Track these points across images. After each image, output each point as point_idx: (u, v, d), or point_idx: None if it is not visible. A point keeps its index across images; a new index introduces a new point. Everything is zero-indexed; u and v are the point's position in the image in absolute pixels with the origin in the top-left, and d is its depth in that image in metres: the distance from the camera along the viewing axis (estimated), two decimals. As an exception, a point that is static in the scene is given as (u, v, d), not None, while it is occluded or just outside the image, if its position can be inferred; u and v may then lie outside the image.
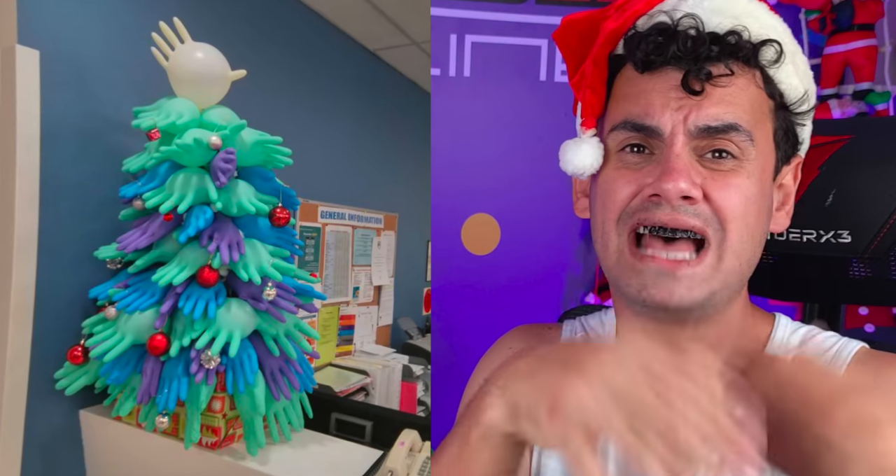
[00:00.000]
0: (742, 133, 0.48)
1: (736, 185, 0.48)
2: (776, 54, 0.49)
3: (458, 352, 1.28)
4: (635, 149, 0.51)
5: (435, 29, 1.24)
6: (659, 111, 0.48)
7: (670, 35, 0.48)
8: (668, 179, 0.47)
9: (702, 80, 0.47)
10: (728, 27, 0.48)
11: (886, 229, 0.64)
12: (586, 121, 0.55)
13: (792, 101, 0.52)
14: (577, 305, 0.87)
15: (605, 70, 0.54)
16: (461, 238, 1.29)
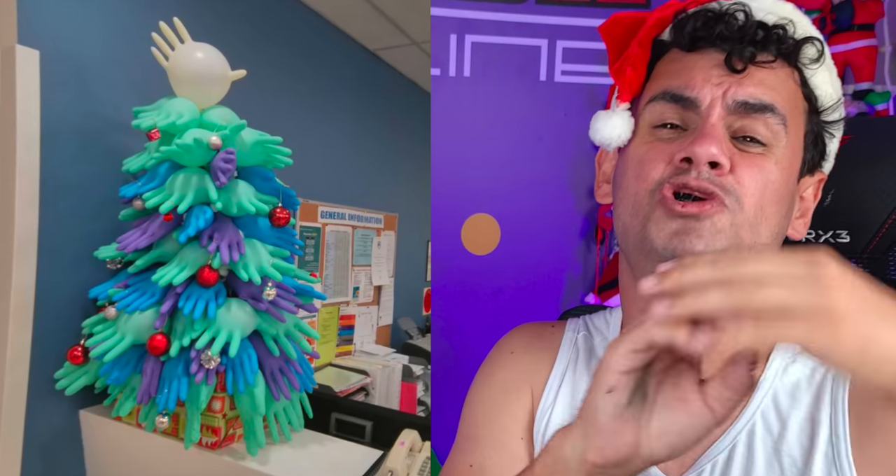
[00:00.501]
0: (777, 115, 0.48)
1: (761, 167, 0.49)
2: (817, 53, 0.51)
3: (458, 352, 1.28)
4: (669, 126, 0.52)
5: (435, 29, 1.24)
6: (700, 84, 0.50)
7: (718, 16, 0.50)
8: (700, 143, 0.47)
9: (745, 59, 0.49)
10: (774, 20, 0.50)
11: (885, 229, 0.64)
12: (622, 94, 0.56)
13: (825, 106, 0.53)
14: (577, 305, 0.87)
15: (648, 51, 0.55)
16: (461, 238, 1.29)
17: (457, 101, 1.27)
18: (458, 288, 1.29)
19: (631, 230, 0.54)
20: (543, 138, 1.28)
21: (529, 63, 1.27)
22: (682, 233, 0.49)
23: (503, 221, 1.30)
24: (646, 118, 0.54)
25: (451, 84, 1.27)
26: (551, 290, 1.32)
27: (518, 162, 1.29)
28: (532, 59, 1.27)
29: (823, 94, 0.52)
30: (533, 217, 1.29)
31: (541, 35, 1.27)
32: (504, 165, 1.29)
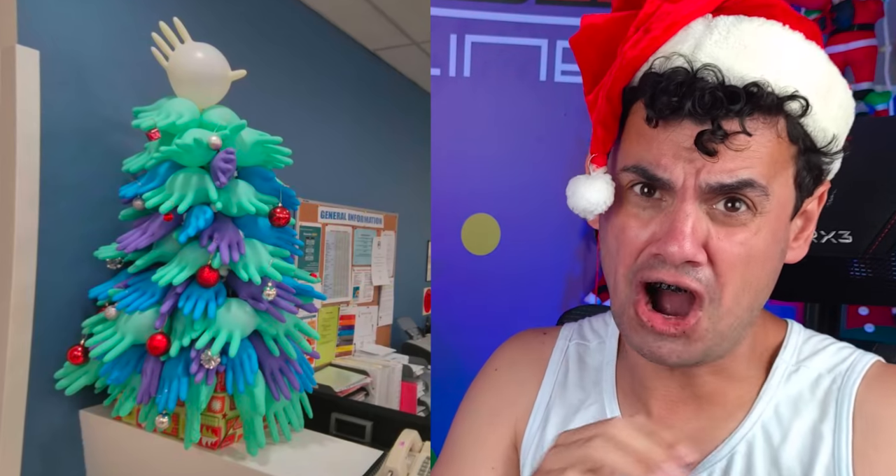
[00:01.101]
0: (757, 189, 0.46)
1: (742, 242, 0.47)
2: (801, 108, 0.46)
3: (458, 352, 1.28)
4: (645, 189, 0.50)
5: (435, 29, 1.24)
6: (671, 163, 0.47)
7: (686, 91, 0.45)
8: (672, 242, 0.46)
9: (717, 141, 0.45)
10: (750, 79, 0.45)
11: (888, 230, 0.64)
12: (597, 158, 0.53)
13: (819, 146, 0.49)
14: (577, 305, 0.87)
15: (618, 106, 0.52)
16: (461, 238, 1.29)
17: (457, 101, 1.27)
18: (458, 288, 1.29)
19: (613, 303, 0.54)
20: (543, 138, 1.28)
21: (529, 63, 1.27)
22: (653, 344, 0.49)
23: (503, 221, 1.30)
24: (622, 181, 0.51)
25: (451, 84, 1.27)
26: (551, 290, 1.32)
27: (518, 162, 1.29)
28: (532, 59, 1.27)
29: (816, 131, 0.48)
30: (533, 217, 1.29)
31: (541, 35, 1.27)
32: (504, 165, 1.29)
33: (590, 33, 0.53)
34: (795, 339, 0.55)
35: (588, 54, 0.54)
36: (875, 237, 0.64)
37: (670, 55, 0.48)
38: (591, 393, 0.61)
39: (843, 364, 0.52)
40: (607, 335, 0.65)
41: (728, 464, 0.51)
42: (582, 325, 0.69)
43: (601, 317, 0.68)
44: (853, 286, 0.70)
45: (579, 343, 0.66)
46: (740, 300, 0.48)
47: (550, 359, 0.66)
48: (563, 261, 1.31)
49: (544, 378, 0.65)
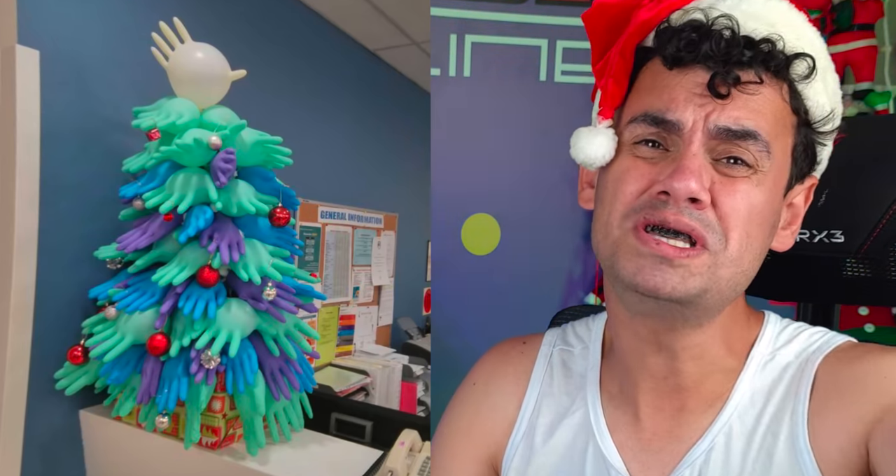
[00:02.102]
0: (760, 142, 0.47)
1: (744, 191, 0.47)
2: (808, 69, 0.48)
3: (458, 352, 1.28)
4: (650, 144, 0.50)
5: (435, 29, 1.24)
6: (682, 106, 0.48)
7: (704, 33, 0.47)
8: (679, 178, 0.46)
9: (729, 83, 0.46)
10: (763, 34, 0.47)
11: (879, 229, 0.64)
12: (604, 110, 0.54)
13: (816, 119, 0.51)
14: (576, 305, 0.87)
15: (630, 61, 0.52)
16: (461, 238, 1.29)
17: (457, 101, 1.27)
18: (458, 288, 1.29)
19: (602, 252, 0.53)
20: (543, 138, 1.28)
21: (529, 63, 1.27)
22: (649, 270, 0.48)
23: (503, 221, 1.30)
24: (626, 137, 0.52)
25: (451, 84, 1.27)
26: (551, 290, 1.32)
27: (518, 162, 1.29)
28: (532, 59, 1.27)
29: (815, 105, 0.50)
30: (533, 217, 1.29)
31: (541, 35, 1.27)
32: (504, 166, 1.29)
33: (602, 8, 0.54)
34: (772, 329, 0.56)
35: (598, 25, 0.55)
36: (867, 236, 0.64)
37: (688, 9, 0.50)
38: (575, 398, 0.61)
39: (813, 346, 0.53)
40: (591, 340, 0.64)
41: (707, 458, 0.52)
42: (565, 330, 0.68)
43: (584, 321, 0.68)
44: (846, 286, 0.70)
45: (563, 349, 0.66)
46: (743, 252, 0.48)
47: (534, 367, 0.66)
48: (563, 261, 1.31)
49: (528, 387, 0.64)
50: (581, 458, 0.57)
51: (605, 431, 0.57)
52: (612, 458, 0.55)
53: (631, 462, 0.55)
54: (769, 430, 0.50)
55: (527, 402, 0.64)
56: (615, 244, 0.51)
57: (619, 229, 0.50)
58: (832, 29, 1.35)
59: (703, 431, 0.53)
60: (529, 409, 0.63)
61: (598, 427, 0.58)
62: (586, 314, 0.71)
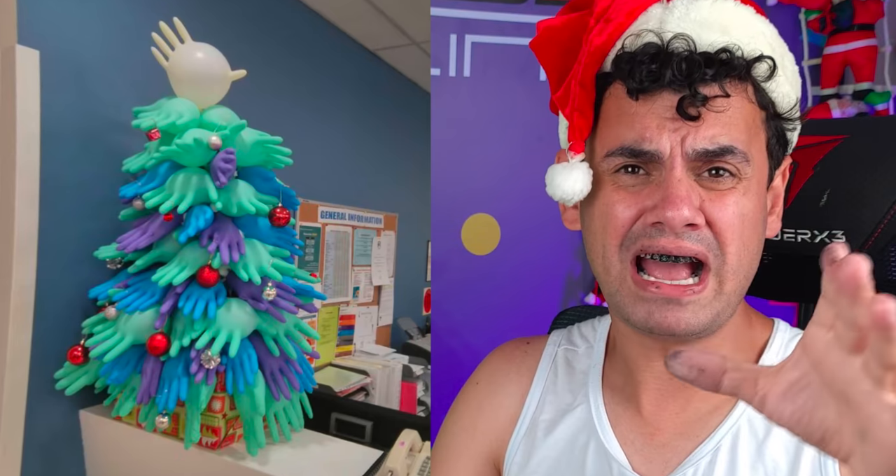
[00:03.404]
0: (738, 155, 0.47)
1: (734, 203, 0.48)
2: (769, 70, 0.49)
3: (458, 352, 1.28)
4: (630, 169, 0.50)
5: (435, 29, 1.24)
6: (656, 134, 0.48)
7: (663, 60, 0.47)
8: (671, 208, 0.46)
9: (697, 105, 0.46)
10: (719, 44, 0.47)
11: (881, 229, 0.64)
12: (575, 145, 0.53)
13: (784, 110, 0.51)
14: (576, 305, 0.87)
15: (593, 92, 0.52)
16: (461, 238, 1.29)
17: (457, 101, 1.27)
18: (458, 288, 1.29)
19: (605, 286, 0.53)
20: (543, 138, 1.28)
21: (529, 63, 1.27)
22: (659, 314, 0.48)
23: (503, 221, 1.30)
24: (604, 168, 0.52)
25: (451, 84, 1.27)
26: (551, 290, 1.32)
27: (518, 162, 1.29)
28: (532, 60, 1.27)
29: (780, 96, 0.51)
30: (533, 217, 1.29)
31: (541, 35, 1.27)
32: (504, 165, 1.29)
33: (549, 34, 0.55)
34: (782, 337, 0.56)
35: (551, 54, 0.56)
36: (868, 237, 0.64)
37: (639, 33, 0.49)
38: (578, 395, 0.61)
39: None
40: (595, 339, 0.65)
41: (713, 458, 0.51)
42: (571, 330, 0.69)
43: (590, 323, 0.68)
44: (847, 286, 0.70)
45: (568, 348, 0.66)
46: (742, 260, 0.49)
47: (539, 366, 0.66)
48: (563, 261, 1.31)
49: (532, 386, 0.65)
50: (582, 452, 0.58)
51: (607, 424, 0.57)
52: (614, 451, 0.56)
53: (633, 455, 0.55)
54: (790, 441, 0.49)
55: (530, 400, 0.64)
56: (617, 282, 0.51)
57: (619, 264, 0.50)
58: (832, 29, 1.35)
59: (711, 431, 0.53)
60: (532, 406, 0.64)
61: (600, 420, 0.58)
62: (588, 315, 0.71)
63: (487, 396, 0.67)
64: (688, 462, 0.52)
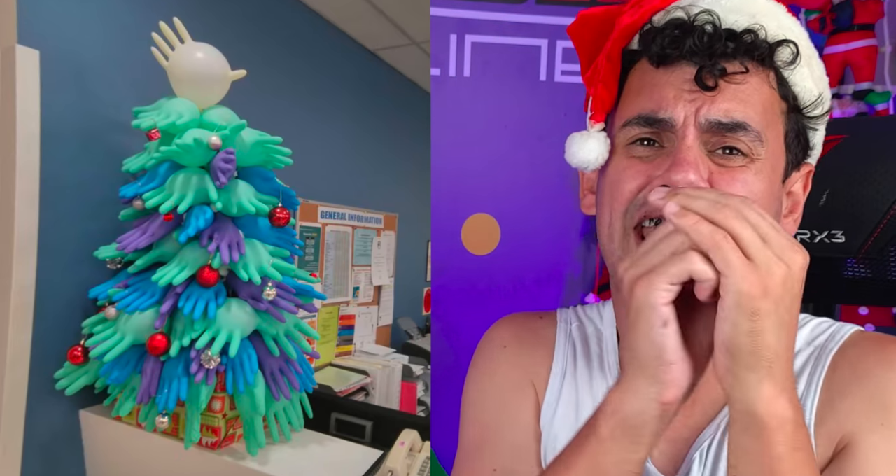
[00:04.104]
0: (751, 133, 0.48)
1: (743, 180, 0.48)
2: (792, 55, 0.49)
3: (458, 352, 1.28)
4: (645, 142, 0.51)
5: (435, 29, 1.24)
6: (672, 103, 0.49)
7: (686, 30, 0.48)
8: (677, 170, 0.47)
9: (715, 75, 0.47)
10: (745, 25, 0.48)
11: (881, 229, 0.64)
12: (595, 114, 0.55)
13: (805, 104, 0.52)
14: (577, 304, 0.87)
15: (618, 65, 0.54)
16: (461, 238, 1.29)
17: (457, 101, 1.27)
18: (458, 288, 1.29)
19: (608, 255, 0.54)
20: (543, 138, 1.28)
21: (529, 63, 1.27)
22: None
23: (503, 221, 1.30)
24: (621, 139, 0.53)
25: (451, 84, 1.27)
26: (551, 290, 1.32)
27: (518, 162, 1.29)
28: (532, 59, 1.27)
29: (803, 91, 0.51)
30: (533, 217, 1.29)
31: (541, 35, 1.27)
32: (504, 165, 1.29)
33: (585, 20, 0.56)
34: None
35: (584, 36, 0.57)
36: (868, 237, 0.64)
37: (669, 9, 0.51)
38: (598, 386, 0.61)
39: (822, 336, 0.54)
40: (603, 325, 0.65)
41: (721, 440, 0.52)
42: (576, 310, 0.69)
43: (593, 306, 0.69)
44: (847, 286, 0.70)
45: (579, 325, 0.67)
46: None
47: (557, 340, 0.66)
48: (563, 261, 1.31)
49: (554, 357, 0.65)
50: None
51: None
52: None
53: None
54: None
55: (555, 372, 0.64)
56: (621, 249, 0.51)
57: (622, 230, 0.51)
58: (832, 29, 1.35)
59: (710, 418, 0.53)
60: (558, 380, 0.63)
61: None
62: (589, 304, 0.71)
63: (521, 357, 0.65)
64: (694, 448, 0.53)
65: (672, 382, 0.40)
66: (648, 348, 0.40)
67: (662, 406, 0.41)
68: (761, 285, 0.37)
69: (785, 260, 0.38)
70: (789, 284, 0.38)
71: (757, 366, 0.38)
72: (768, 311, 0.37)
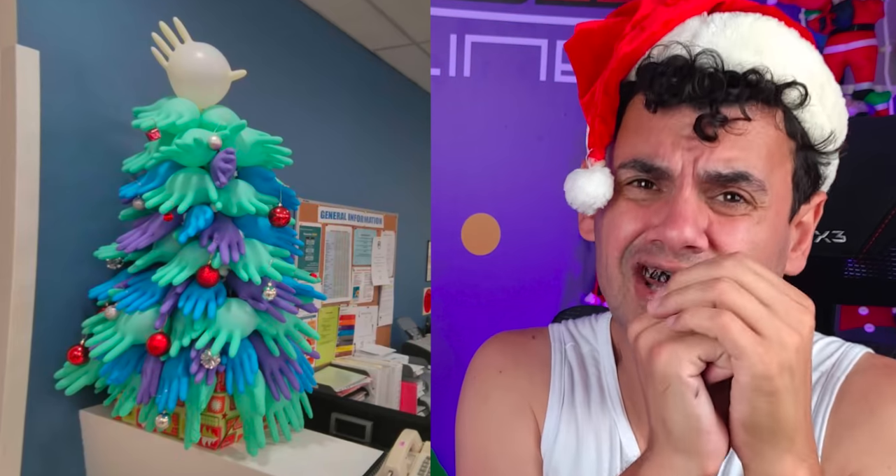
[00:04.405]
0: (753, 183, 0.45)
1: (745, 229, 0.46)
2: (800, 97, 0.46)
3: (458, 352, 1.28)
4: (642, 183, 0.49)
5: (435, 29, 1.24)
6: (669, 151, 0.46)
7: (686, 73, 0.45)
8: (672, 227, 0.45)
9: (716, 125, 0.44)
10: (750, 65, 0.45)
11: (882, 229, 0.64)
12: (595, 152, 0.52)
13: (816, 142, 0.49)
14: (575, 305, 0.87)
15: (616, 99, 0.51)
16: (461, 238, 1.29)
17: (457, 101, 1.27)
18: (458, 288, 1.29)
19: (609, 298, 0.52)
20: (543, 138, 1.28)
21: (529, 63, 1.27)
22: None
23: (503, 221, 1.30)
24: (619, 177, 0.51)
25: (451, 84, 1.27)
26: (551, 290, 1.32)
27: (518, 162, 1.29)
28: (532, 59, 1.27)
29: (813, 127, 0.48)
30: (533, 217, 1.29)
31: (541, 35, 1.27)
32: (504, 165, 1.29)
33: (584, 37, 0.53)
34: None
35: (583, 57, 0.54)
36: (869, 237, 0.64)
37: (668, 44, 0.48)
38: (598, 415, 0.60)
39: (830, 360, 0.52)
40: (598, 343, 0.64)
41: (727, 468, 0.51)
42: (568, 327, 0.67)
43: (585, 320, 0.67)
44: (847, 286, 0.70)
45: (574, 346, 0.65)
46: None
47: (552, 362, 0.64)
48: (563, 261, 1.31)
49: (552, 381, 0.63)
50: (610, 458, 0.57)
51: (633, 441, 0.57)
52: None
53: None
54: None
55: (553, 396, 0.62)
56: (620, 295, 0.50)
57: (620, 277, 0.50)
58: (832, 29, 1.35)
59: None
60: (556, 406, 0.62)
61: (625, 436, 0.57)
62: (587, 315, 0.71)
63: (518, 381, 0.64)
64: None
65: (713, 452, 0.38)
66: (685, 421, 0.38)
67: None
68: (777, 362, 0.35)
69: (795, 326, 0.36)
70: (803, 352, 0.36)
71: (778, 442, 0.37)
72: (786, 388, 0.35)
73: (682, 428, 0.39)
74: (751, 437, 0.37)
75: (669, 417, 0.39)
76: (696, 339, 0.38)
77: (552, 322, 0.80)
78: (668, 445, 0.40)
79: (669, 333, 0.39)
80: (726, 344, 0.36)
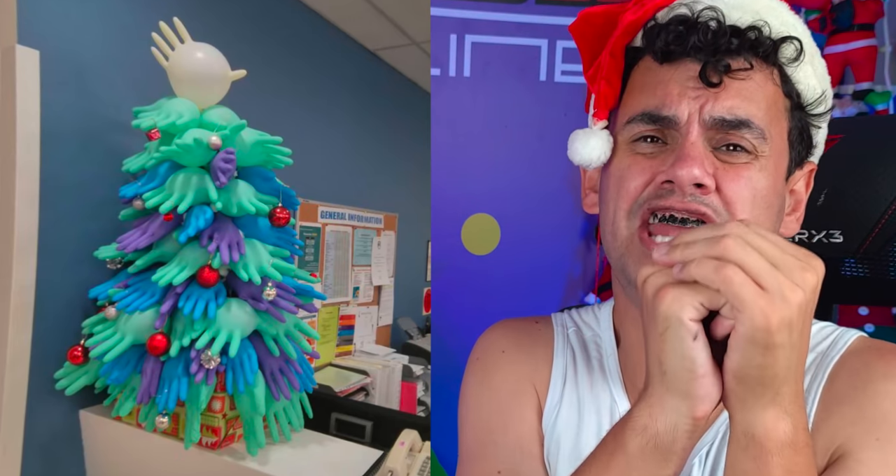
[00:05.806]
0: (755, 130, 0.48)
1: (747, 177, 0.48)
2: (796, 52, 0.49)
3: (458, 352, 1.28)
4: (649, 139, 0.51)
5: (435, 29, 1.24)
6: (676, 100, 0.49)
7: (690, 26, 0.48)
8: (682, 166, 0.47)
9: (720, 72, 0.47)
10: (749, 22, 0.48)
11: (879, 228, 0.64)
12: (598, 112, 0.54)
13: (809, 102, 0.52)
14: (577, 304, 0.87)
15: (621, 61, 0.54)
16: (461, 238, 1.29)
17: (457, 101, 1.27)
18: (458, 288, 1.29)
19: (612, 253, 0.53)
20: (543, 138, 1.28)
21: (529, 63, 1.27)
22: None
23: (503, 221, 1.30)
24: (624, 136, 0.53)
25: (451, 84, 1.27)
26: (551, 290, 1.32)
27: (518, 162, 1.29)
28: (532, 59, 1.27)
29: (806, 88, 0.51)
30: (533, 217, 1.29)
31: (541, 35, 1.27)
32: (504, 165, 1.29)
33: (587, 18, 0.56)
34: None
35: (586, 33, 0.57)
36: (866, 236, 0.65)
37: (672, 6, 0.51)
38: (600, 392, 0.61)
39: (825, 342, 0.53)
40: (600, 328, 0.65)
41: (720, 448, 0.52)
42: (571, 314, 0.68)
43: (589, 309, 0.68)
44: (846, 286, 0.70)
45: (576, 330, 0.66)
46: None
47: (555, 344, 0.65)
48: (563, 261, 1.31)
49: (554, 360, 0.64)
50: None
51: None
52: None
53: None
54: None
55: (555, 375, 0.63)
56: (624, 244, 0.51)
57: (627, 229, 0.51)
58: (832, 29, 1.35)
59: (713, 420, 0.53)
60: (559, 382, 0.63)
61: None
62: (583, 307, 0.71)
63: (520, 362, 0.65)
64: (692, 455, 0.52)
65: (704, 397, 0.39)
66: (679, 362, 0.39)
67: (694, 421, 0.40)
68: (777, 317, 0.35)
69: (799, 283, 0.36)
70: (804, 310, 0.37)
71: (763, 393, 0.38)
72: (783, 343, 0.36)
73: (677, 369, 0.39)
74: (738, 385, 0.38)
75: (666, 359, 0.40)
76: (702, 287, 0.38)
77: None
78: (662, 386, 0.41)
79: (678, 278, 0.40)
80: (728, 295, 0.36)
